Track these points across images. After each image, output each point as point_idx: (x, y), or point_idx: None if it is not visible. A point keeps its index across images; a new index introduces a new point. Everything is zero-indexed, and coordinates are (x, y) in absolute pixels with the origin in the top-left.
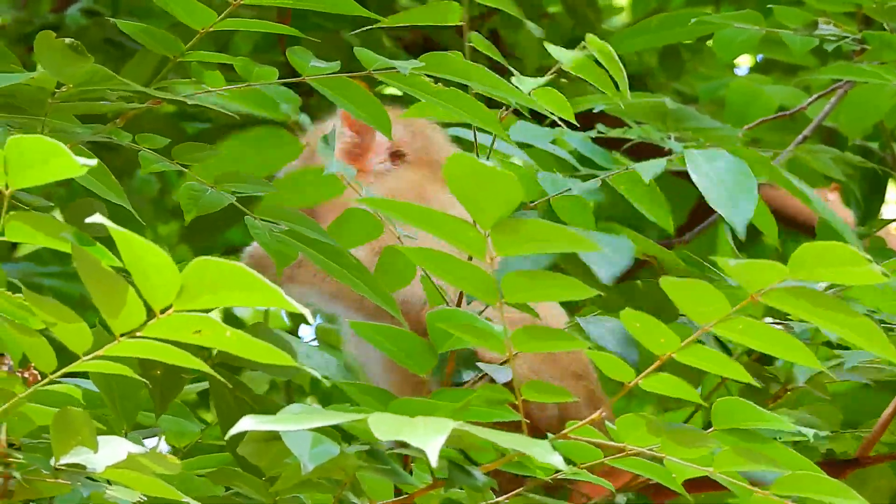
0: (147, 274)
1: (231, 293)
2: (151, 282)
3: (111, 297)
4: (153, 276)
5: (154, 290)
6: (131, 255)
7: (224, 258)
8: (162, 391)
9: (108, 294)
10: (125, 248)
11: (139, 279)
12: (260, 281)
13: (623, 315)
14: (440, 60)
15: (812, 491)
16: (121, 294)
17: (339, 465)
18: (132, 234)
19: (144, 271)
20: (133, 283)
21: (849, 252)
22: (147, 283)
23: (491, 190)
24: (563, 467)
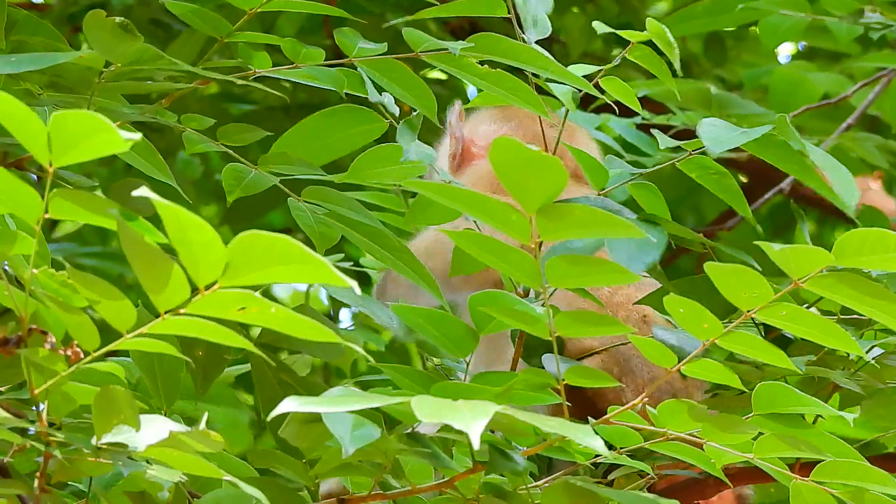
0: (192, 249)
1: (279, 268)
2: (197, 258)
3: (155, 274)
4: (199, 252)
5: (199, 266)
6: (177, 230)
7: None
8: (203, 372)
9: (152, 270)
10: (171, 222)
11: (184, 255)
12: (309, 254)
13: (667, 301)
14: (490, 42)
15: (853, 478)
16: (165, 270)
17: (380, 448)
18: (178, 208)
19: (190, 247)
20: (178, 259)
21: (893, 238)
22: (192, 258)
23: (536, 174)
24: (604, 451)
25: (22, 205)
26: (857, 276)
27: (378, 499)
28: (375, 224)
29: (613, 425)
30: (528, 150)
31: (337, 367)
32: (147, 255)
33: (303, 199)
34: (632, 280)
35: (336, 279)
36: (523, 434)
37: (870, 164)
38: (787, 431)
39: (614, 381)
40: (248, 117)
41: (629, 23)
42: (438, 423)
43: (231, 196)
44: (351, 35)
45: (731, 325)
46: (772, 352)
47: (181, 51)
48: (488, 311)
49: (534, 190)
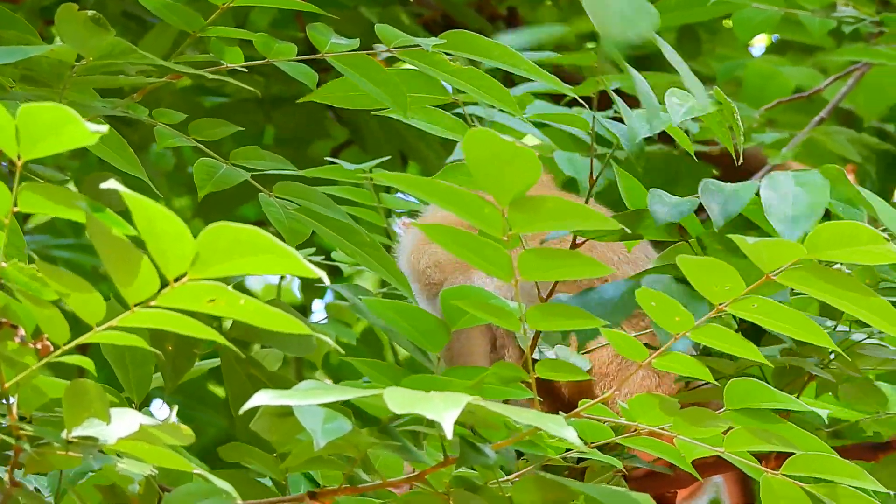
0: (161, 241)
1: (248, 259)
2: (165, 250)
3: (124, 266)
4: (167, 244)
5: (168, 258)
6: (146, 223)
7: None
8: (174, 366)
9: (121, 263)
10: (140, 215)
11: (153, 247)
12: (277, 245)
13: (639, 294)
14: (461, 38)
15: (825, 472)
16: (134, 263)
17: (351, 441)
18: (147, 201)
19: (159, 239)
20: (147, 251)
21: (866, 231)
22: (161, 250)
23: (509, 166)
24: (578, 443)
25: None
26: (829, 268)
27: (349, 492)
28: (346, 219)
29: (585, 419)
30: (502, 142)
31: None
32: (116, 247)
33: (274, 194)
34: (605, 273)
35: (305, 270)
36: (495, 427)
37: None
38: (759, 426)
39: (585, 375)
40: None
41: None
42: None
43: (203, 191)
44: (323, 30)
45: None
46: (744, 345)
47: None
48: (460, 304)
49: (507, 182)
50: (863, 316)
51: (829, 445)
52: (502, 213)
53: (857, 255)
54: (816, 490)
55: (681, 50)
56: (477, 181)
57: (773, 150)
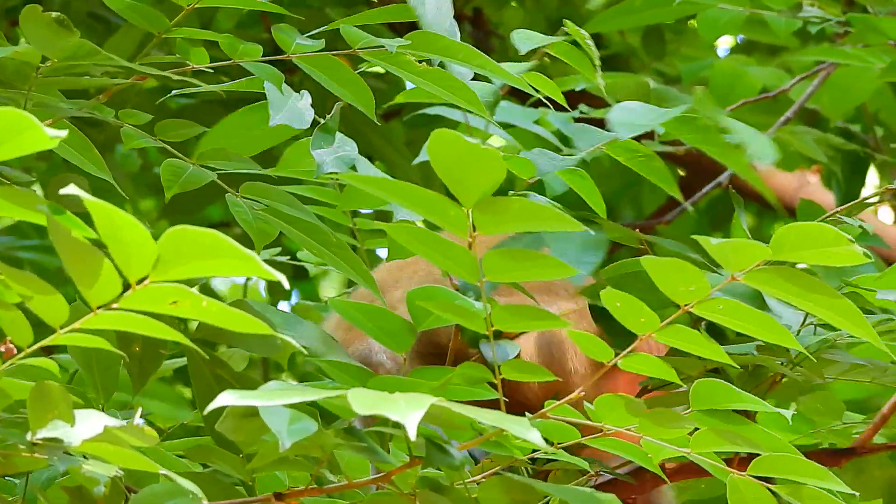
0: (122, 244)
1: (209, 262)
2: (127, 252)
3: (86, 269)
4: (128, 247)
5: (130, 260)
6: (106, 226)
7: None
8: (140, 367)
9: (82, 266)
10: (100, 218)
11: (114, 250)
12: (237, 249)
13: (604, 295)
14: (426, 39)
15: (790, 472)
16: (96, 265)
17: (316, 442)
18: (106, 205)
19: (120, 242)
20: (108, 254)
21: (831, 233)
22: (122, 253)
23: (474, 167)
24: (542, 444)
25: None
26: (795, 270)
27: (315, 493)
28: (312, 220)
29: (550, 420)
30: (467, 143)
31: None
32: (77, 250)
33: (241, 194)
34: (570, 273)
35: (264, 273)
36: (460, 428)
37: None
38: (725, 427)
39: (551, 375)
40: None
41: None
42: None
43: (169, 192)
44: (289, 31)
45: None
46: (709, 346)
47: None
48: (427, 305)
49: (471, 183)
50: (829, 318)
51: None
52: (467, 214)
53: (822, 257)
54: (782, 491)
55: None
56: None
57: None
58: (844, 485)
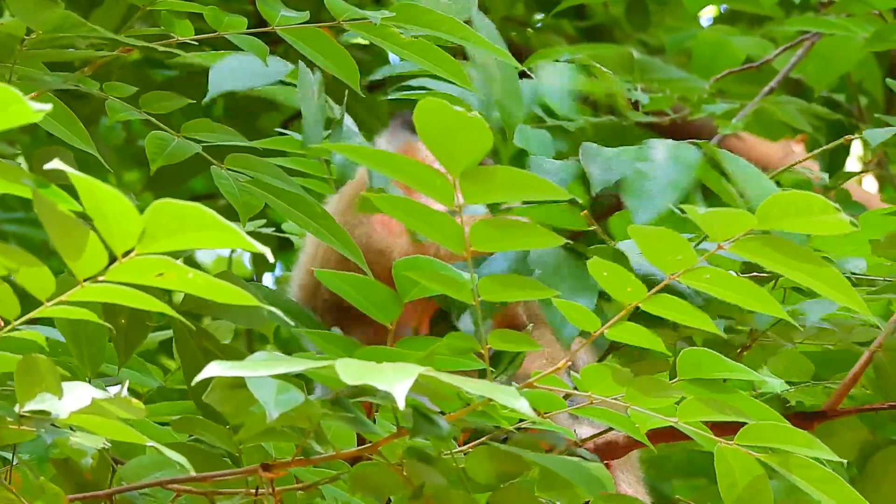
0: (107, 218)
1: (193, 235)
2: (112, 226)
3: (72, 242)
4: (114, 220)
5: (115, 234)
6: (91, 200)
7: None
8: (126, 339)
9: (68, 239)
10: (85, 193)
11: (100, 223)
12: (221, 222)
13: (590, 264)
14: (411, 11)
15: (776, 441)
16: (81, 238)
17: (303, 413)
18: (91, 179)
19: (105, 215)
20: (94, 227)
21: (817, 201)
22: (108, 227)
23: (461, 136)
24: (531, 413)
25: None
26: (781, 239)
27: (302, 464)
28: (298, 191)
29: (538, 390)
30: (453, 112)
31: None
32: (63, 223)
33: (225, 166)
34: (557, 243)
35: (248, 245)
36: (447, 398)
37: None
38: (711, 396)
39: (538, 346)
40: (172, 83)
41: None
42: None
43: (154, 164)
44: (273, 3)
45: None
46: (694, 315)
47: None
48: (412, 275)
49: (458, 153)
50: (815, 286)
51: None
52: (454, 183)
53: (808, 226)
54: (769, 459)
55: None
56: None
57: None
58: (832, 453)
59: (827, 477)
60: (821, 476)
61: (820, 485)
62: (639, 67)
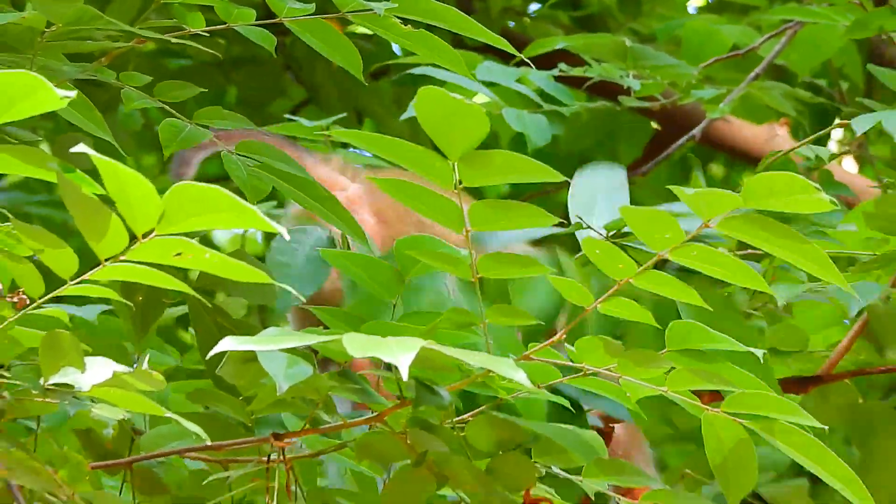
0: (129, 200)
1: (211, 216)
2: (133, 207)
3: (95, 223)
4: (135, 202)
5: (136, 215)
6: (114, 183)
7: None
8: (144, 316)
9: (91, 220)
10: (108, 175)
11: (122, 205)
12: (238, 202)
13: (584, 242)
14: (412, 2)
15: (762, 409)
16: (104, 220)
17: (312, 385)
18: (115, 163)
19: (126, 198)
20: (116, 209)
21: (799, 181)
22: (129, 208)
23: (459, 122)
24: (528, 384)
25: None
26: (765, 217)
27: (311, 433)
28: (305, 175)
29: (534, 362)
30: (452, 100)
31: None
32: (86, 205)
33: (236, 151)
34: (551, 222)
35: (264, 224)
36: (448, 370)
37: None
38: (699, 366)
39: (533, 319)
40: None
41: None
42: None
43: (168, 150)
44: None
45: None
46: (683, 290)
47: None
48: (414, 254)
49: (457, 138)
50: (797, 262)
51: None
52: (452, 166)
53: (790, 204)
54: (755, 426)
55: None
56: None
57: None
58: (814, 419)
59: (809, 442)
60: (803, 442)
61: (803, 450)
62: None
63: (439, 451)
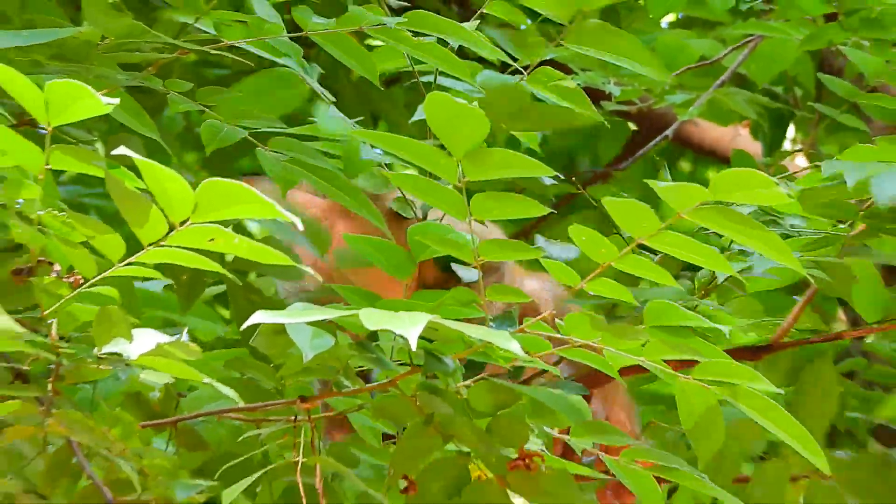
0: (166, 193)
1: (237, 207)
2: (170, 199)
3: (137, 214)
4: (171, 195)
5: (172, 206)
6: (152, 179)
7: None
8: (187, 293)
9: (134, 211)
10: (147, 173)
11: (159, 198)
12: (259, 196)
13: (571, 230)
14: (421, 18)
15: (724, 375)
16: (145, 210)
17: (333, 354)
18: (152, 163)
19: (163, 191)
20: (155, 201)
21: (760, 176)
22: (166, 200)
23: (462, 124)
24: (521, 354)
25: (27, 158)
26: (729, 208)
27: (332, 396)
28: (330, 167)
29: (528, 334)
30: (456, 104)
31: None
32: (129, 198)
33: (269, 148)
34: (543, 212)
35: (281, 215)
36: (452, 341)
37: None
38: (671, 339)
39: (527, 297)
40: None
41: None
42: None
43: (209, 147)
44: (306, 12)
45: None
46: (658, 272)
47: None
48: (423, 239)
49: (460, 137)
50: (756, 247)
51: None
52: (457, 163)
53: (751, 197)
54: (721, 392)
55: None
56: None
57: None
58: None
59: (768, 405)
60: (763, 405)
61: (763, 412)
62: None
63: (445, 412)
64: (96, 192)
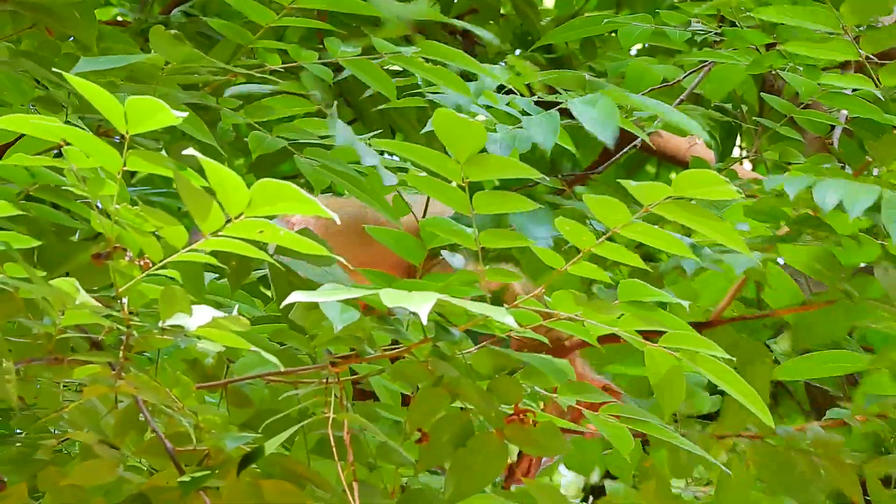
0: (225, 191)
1: (284, 203)
2: (228, 196)
3: (200, 208)
4: (230, 193)
5: (230, 202)
6: (215, 178)
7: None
8: (236, 275)
9: (198, 205)
10: (212, 173)
11: (220, 195)
12: (302, 194)
13: (558, 222)
14: (432, 47)
15: (686, 344)
16: (207, 205)
17: (359, 326)
18: (216, 164)
19: (224, 189)
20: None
21: (714, 176)
22: (225, 197)
23: (464, 134)
24: (515, 326)
25: (107, 161)
26: (689, 202)
27: (358, 360)
28: (353, 173)
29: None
30: (460, 118)
31: None
32: (194, 194)
33: (304, 155)
34: (531, 207)
35: (321, 211)
36: (457, 315)
37: None
38: (642, 313)
39: (519, 277)
40: None
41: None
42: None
43: (255, 154)
44: (336, 42)
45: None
46: (629, 257)
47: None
48: (433, 230)
49: (464, 145)
50: (714, 236)
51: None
52: (460, 166)
53: (706, 193)
54: (683, 356)
55: (583, 54)
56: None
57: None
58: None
59: (723, 369)
60: (718, 369)
61: (718, 374)
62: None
63: (452, 374)
64: (162, 192)
